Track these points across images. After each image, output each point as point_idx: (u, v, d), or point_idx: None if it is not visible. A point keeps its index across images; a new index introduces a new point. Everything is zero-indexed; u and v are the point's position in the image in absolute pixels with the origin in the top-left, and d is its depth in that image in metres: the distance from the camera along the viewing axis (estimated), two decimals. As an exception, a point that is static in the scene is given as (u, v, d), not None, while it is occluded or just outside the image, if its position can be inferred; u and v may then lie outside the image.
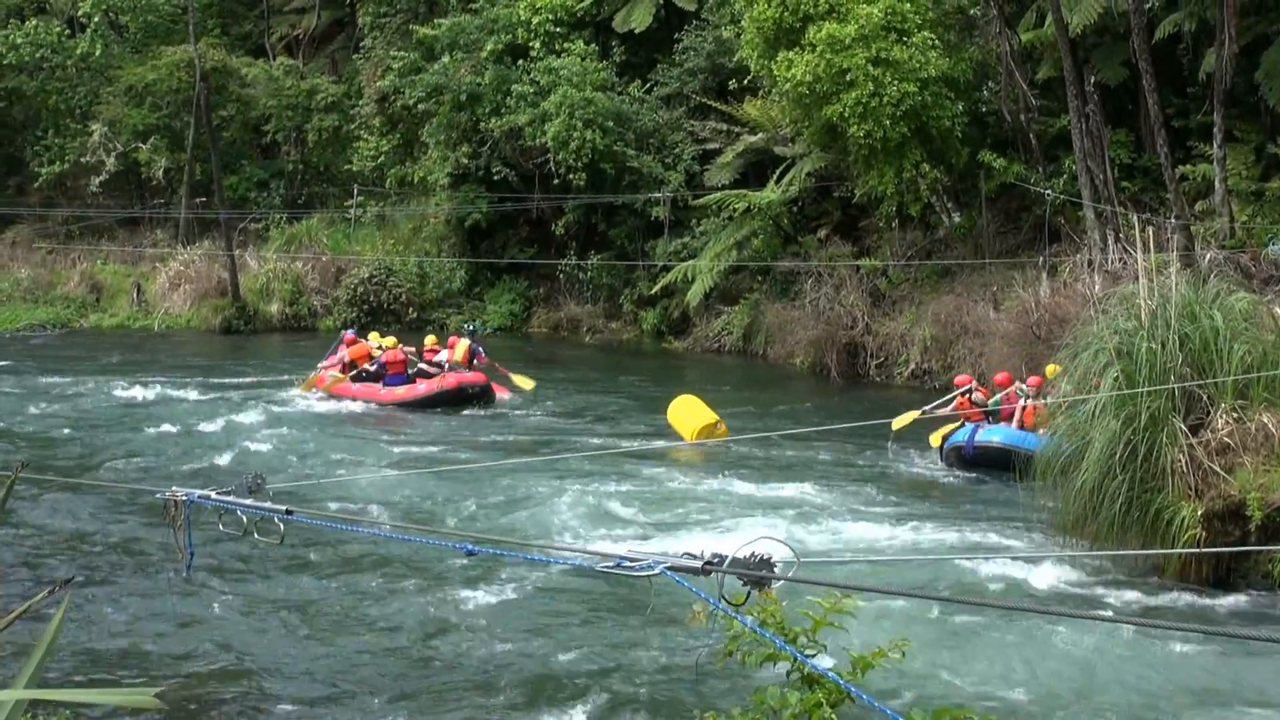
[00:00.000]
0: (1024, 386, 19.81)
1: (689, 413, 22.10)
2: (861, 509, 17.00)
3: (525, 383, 26.54)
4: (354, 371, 26.86)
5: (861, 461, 20.38)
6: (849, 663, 5.23)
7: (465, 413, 25.13)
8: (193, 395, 26.57)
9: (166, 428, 23.22)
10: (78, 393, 27.00)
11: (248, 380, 28.93)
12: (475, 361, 26.52)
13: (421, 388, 25.80)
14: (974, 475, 19.00)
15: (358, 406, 25.91)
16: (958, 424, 20.07)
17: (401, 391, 25.89)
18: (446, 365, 26.10)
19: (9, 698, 2.64)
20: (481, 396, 25.73)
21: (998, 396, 19.94)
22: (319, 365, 27.67)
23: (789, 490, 18.13)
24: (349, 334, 28.68)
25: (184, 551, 6.26)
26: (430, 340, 27.65)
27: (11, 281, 43.01)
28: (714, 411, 21.86)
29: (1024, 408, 19.39)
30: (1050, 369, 18.06)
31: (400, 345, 27.21)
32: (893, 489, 18.42)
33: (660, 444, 21.50)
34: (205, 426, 23.28)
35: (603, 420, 24.44)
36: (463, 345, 26.73)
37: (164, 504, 6.22)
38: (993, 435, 19.34)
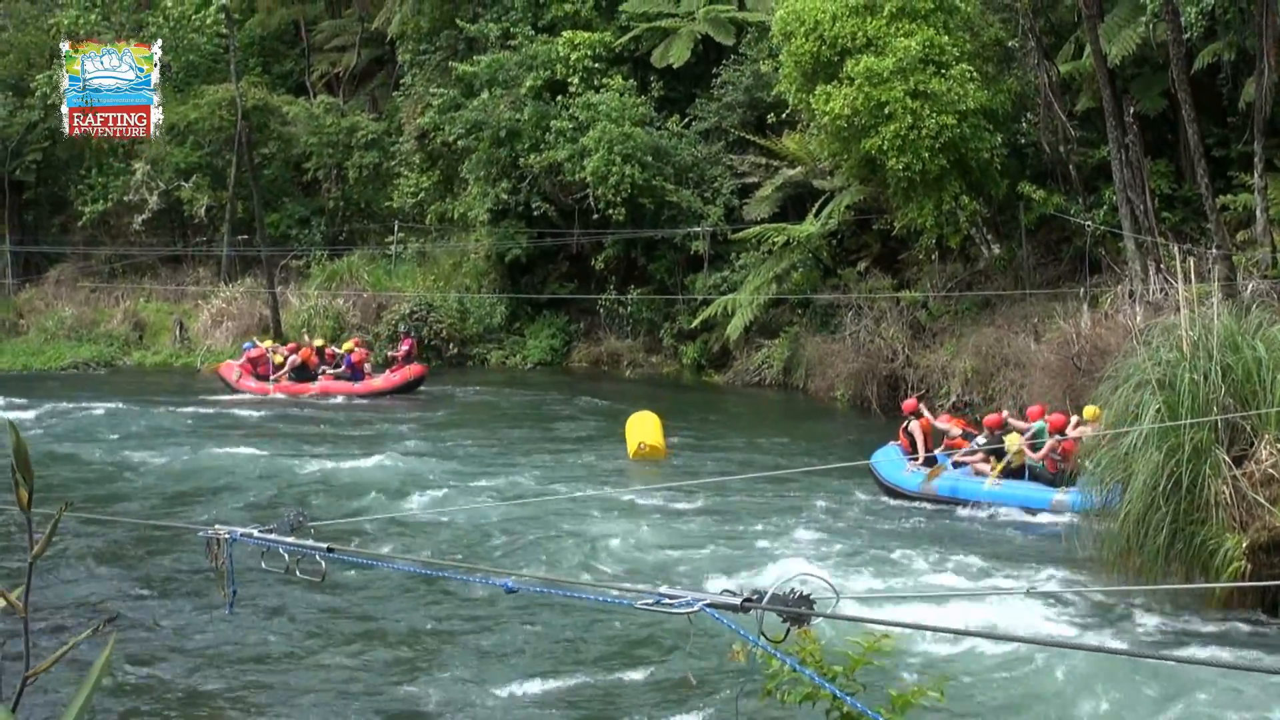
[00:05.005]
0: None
1: (639, 429, 23.08)
2: (901, 544, 16.91)
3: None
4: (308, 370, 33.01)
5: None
6: (888, 701, 5.21)
7: (498, 443, 25.58)
8: (233, 431, 26.71)
9: (207, 464, 23.40)
10: (120, 430, 27.20)
11: (289, 416, 29.06)
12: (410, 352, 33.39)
13: (396, 377, 32.64)
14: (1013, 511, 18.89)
15: (375, 413, 30.04)
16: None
17: (379, 383, 32.50)
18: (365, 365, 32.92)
19: (53, 736, 2.66)
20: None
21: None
22: (232, 364, 34.12)
23: (824, 525, 18.06)
24: (253, 347, 33.97)
25: (226, 590, 6.27)
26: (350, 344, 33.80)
27: (56, 319, 43.49)
28: (659, 434, 22.97)
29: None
30: (1089, 411, 17.89)
31: (357, 343, 33.97)
32: (931, 525, 18.31)
33: (698, 481, 21.44)
34: (247, 462, 23.42)
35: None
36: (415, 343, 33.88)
37: (206, 542, 6.23)
38: (877, 461, 20.18)
